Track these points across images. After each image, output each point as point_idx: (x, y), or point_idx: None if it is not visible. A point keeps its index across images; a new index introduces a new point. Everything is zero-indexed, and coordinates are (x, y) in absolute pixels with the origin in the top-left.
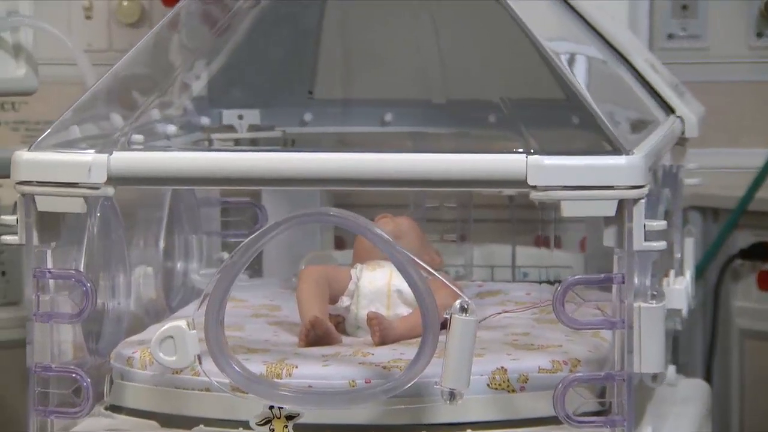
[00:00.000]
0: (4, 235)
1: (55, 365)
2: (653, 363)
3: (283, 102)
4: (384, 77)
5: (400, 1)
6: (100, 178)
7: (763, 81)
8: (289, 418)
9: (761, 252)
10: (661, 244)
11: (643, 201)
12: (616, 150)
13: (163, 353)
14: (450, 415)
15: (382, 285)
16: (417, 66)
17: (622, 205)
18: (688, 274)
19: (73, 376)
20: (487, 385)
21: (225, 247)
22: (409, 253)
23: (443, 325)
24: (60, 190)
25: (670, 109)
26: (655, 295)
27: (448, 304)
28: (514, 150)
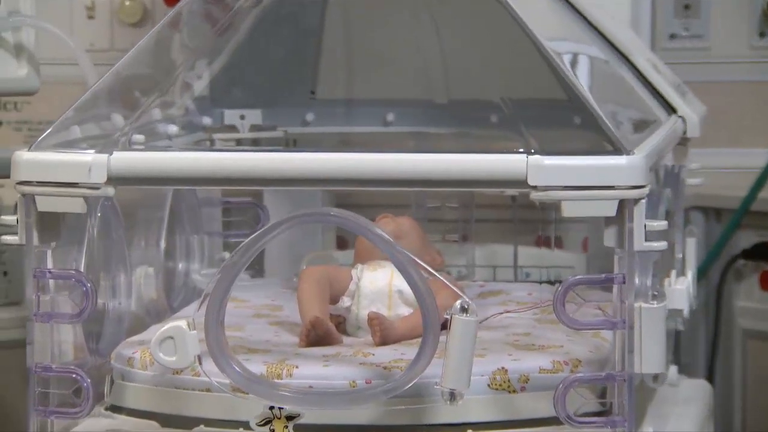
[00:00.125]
0: (5, 235)
1: (56, 365)
2: (654, 363)
3: (285, 102)
4: (386, 77)
5: (401, 1)
6: (100, 178)
7: (765, 81)
8: (289, 418)
9: (764, 252)
10: (661, 244)
11: (643, 201)
12: (616, 150)
13: (163, 353)
14: (450, 415)
15: (383, 285)
16: (419, 66)
17: (623, 205)
18: (689, 274)
19: (74, 376)
20: (488, 385)
21: (226, 247)
22: (409, 253)
23: (444, 326)
24: (60, 190)
25: (671, 109)
26: (656, 296)
27: (449, 305)
28: (515, 150)
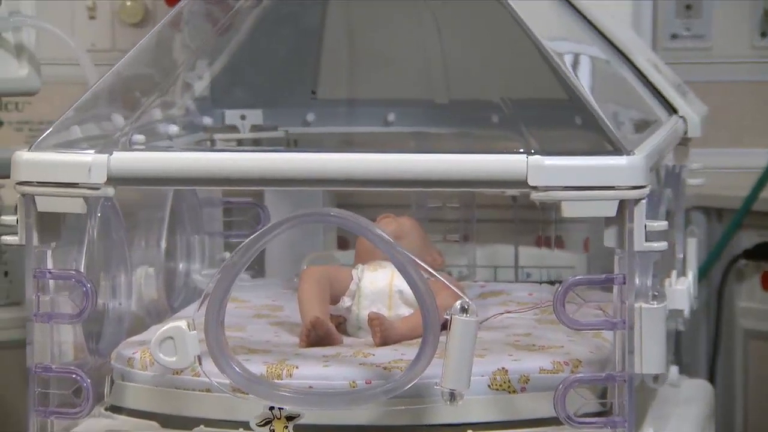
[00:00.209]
0: (5, 235)
1: (56, 366)
2: (654, 364)
3: (285, 102)
4: (387, 77)
5: (402, 1)
6: (100, 178)
7: (767, 81)
8: (289, 418)
9: (765, 252)
10: (662, 244)
11: (644, 201)
12: (616, 150)
13: (163, 354)
14: (451, 415)
15: (384, 285)
16: (420, 66)
17: (623, 205)
18: (690, 274)
19: (74, 376)
20: (488, 385)
21: (227, 248)
22: (410, 253)
23: (444, 326)
24: (60, 191)
25: (672, 109)
26: (656, 296)
27: (450, 305)
28: (515, 150)
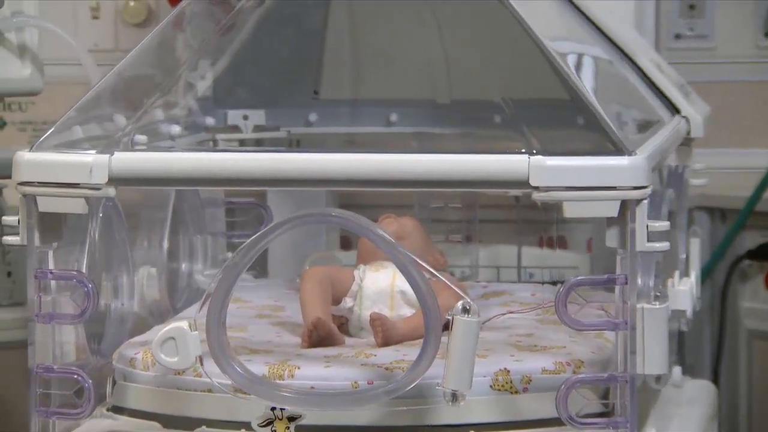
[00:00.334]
0: (7, 235)
1: (57, 366)
2: (656, 364)
3: (288, 102)
4: (389, 77)
5: (404, 2)
6: (101, 178)
7: None
8: (291, 419)
9: None
10: (664, 245)
11: (645, 201)
12: (618, 150)
13: (165, 354)
14: (453, 416)
15: (386, 286)
16: (422, 66)
17: (625, 205)
18: (693, 274)
19: (75, 377)
20: (490, 386)
21: (230, 248)
22: (412, 253)
23: (446, 326)
24: (61, 191)
25: (675, 110)
26: (658, 296)
27: (452, 305)
28: (517, 150)
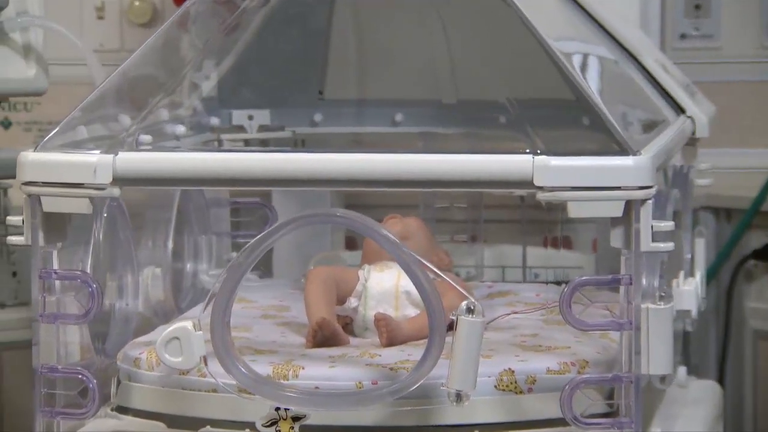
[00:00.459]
0: (12, 235)
1: (62, 366)
2: (661, 364)
3: (293, 102)
4: (394, 77)
5: (409, 2)
6: (105, 178)
7: None
8: (295, 419)
9: None
10: (668, 245)
11: (650, 202)
12: (623, 150)
13: (169, 354)
14: (457, 416)
15: (390, 286)
16: (427, 66)
17: (630, 205)
18: (698, 275)
19: (80, 377)
20: (495, 386)
21: (235, 248)
22: (416, 254)
23: (451, 327)
24: (65, 191)
25: (680, 110)
26: (663, 296)
27: (456, 306)
28: (521, 150)
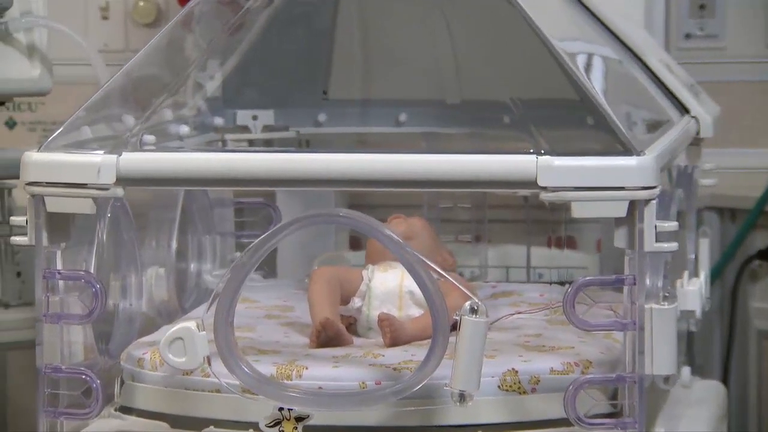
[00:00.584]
0: (16, 235)
1: (65, 366)
2: (665, 365)
3: (297, 102)
4: (398, 77)
5: (413, 2)
6: (109, 178)
7: None
8: (298, 419)
9: None
10: (672, 245)
11: (654, 202)
12: (627, 151)
13: (173, 354)
14: (460, 416)
15: (394, 286)
16: (431, 66)
17: (633, 205)
18: (702, 275)
19: (83, 377)
20: (498, 386)
21: (239, 248)
22: (420, 254)
23: (455, 327)
24: (69, 191)
25: (685, 110)
26: (666, 297)
27: (460, 306)
28: (525, 151)
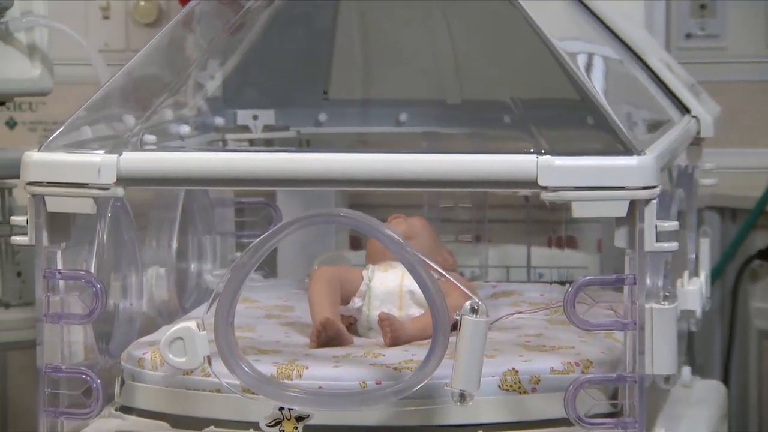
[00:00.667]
0: (16, 235)
1: (66, 366)
2: (665, 364)
3: (297, 102)
4: (399, 77)
5: (414, 2)
6: (109, 178)
7: None
8: (299, 419)
9: None
10: (672, 245)
11: (654, 201)
12: (627, 150)
13: (173, 354)
14: (461, 416)
15: (394, 286)
16: (431, 66)
17: (634, 205)
18: (702, 275)
19: (84, 377)
20: (499, 386)
21: (239, 248)
22: (421, 254)
23: (455, 326)
24: (69, 191)
25: (685, 109)
26: (667, 296)
27: (461, 306)
28: (525, 150)
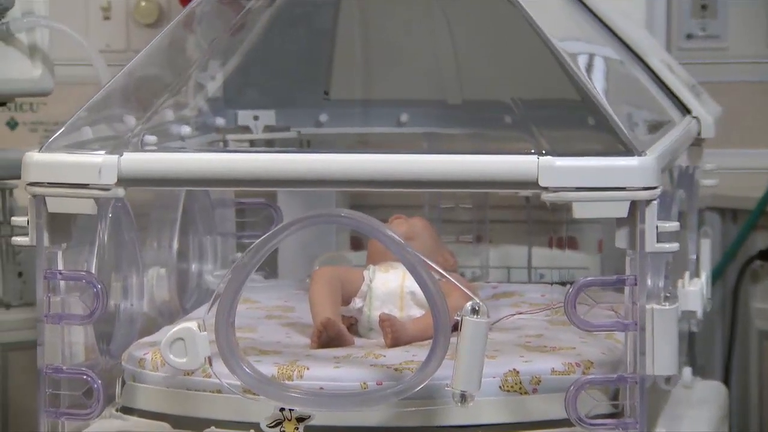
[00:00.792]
0: (17, 236)
1: (66, 367)
2: (666, 365)
3: (298, 103)
4: (399, 78)
5: (414, 2)
6: (110, 179)
7: None
8: (300, 419)
9: None
10: (673, 245)
11: (655, 202)
12: (628, 151)
13: (174, 355)
14: (462, 417)
15: (395, 287)
16: (432, 67)
17: (635, 206)
18: (703, 275)
19: (84, 377)
20: (500, 387)
21: (240, 248)
22: (421, 254)
23: (456, 327)
24: (70, 192)
25: (686, 110)
26: (668, 297)
27: (461, 306)
28: (526, 151)
